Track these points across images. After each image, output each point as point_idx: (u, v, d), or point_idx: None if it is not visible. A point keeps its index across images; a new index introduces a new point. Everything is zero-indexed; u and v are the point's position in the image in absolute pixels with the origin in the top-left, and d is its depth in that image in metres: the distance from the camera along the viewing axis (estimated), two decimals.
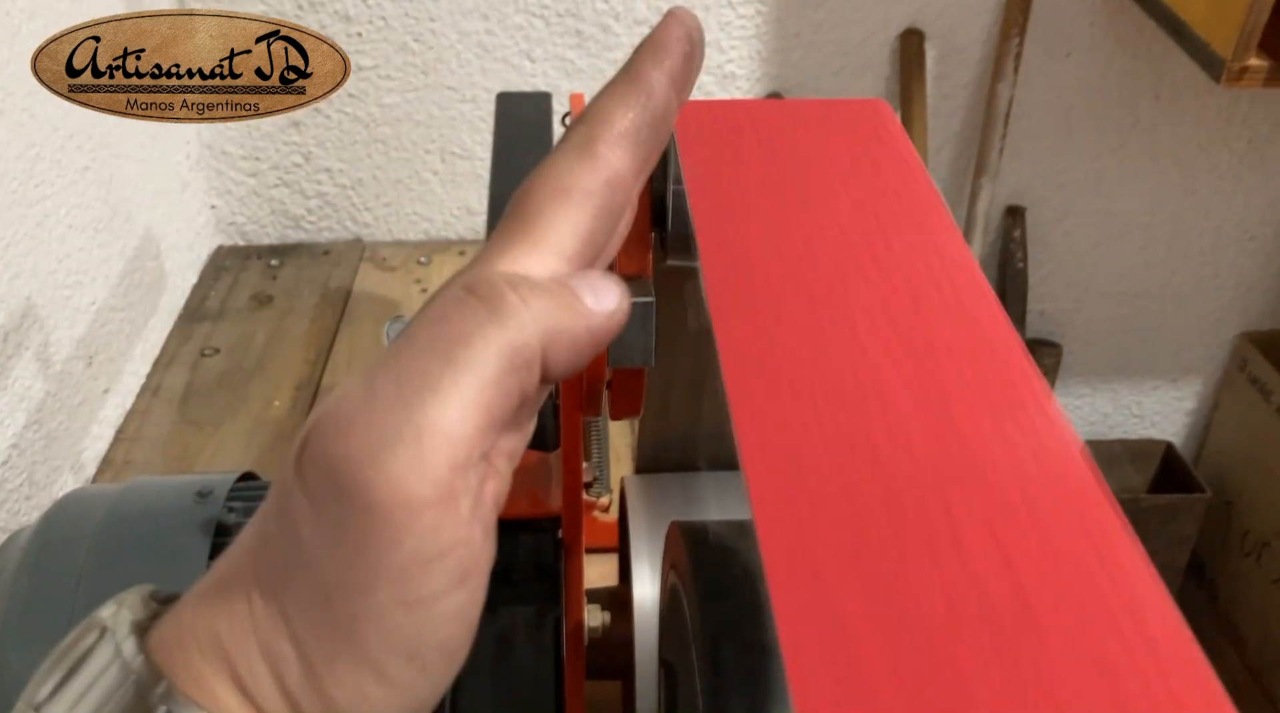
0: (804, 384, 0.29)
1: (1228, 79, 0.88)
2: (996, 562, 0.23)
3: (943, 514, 0.24)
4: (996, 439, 0.26)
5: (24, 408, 0.78)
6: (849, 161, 0.40)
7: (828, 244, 0.34)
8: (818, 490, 0.25)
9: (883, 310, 0.31)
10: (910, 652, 0.21)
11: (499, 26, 1.10)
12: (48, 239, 0.82)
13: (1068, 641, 0.21)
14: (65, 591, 0.54)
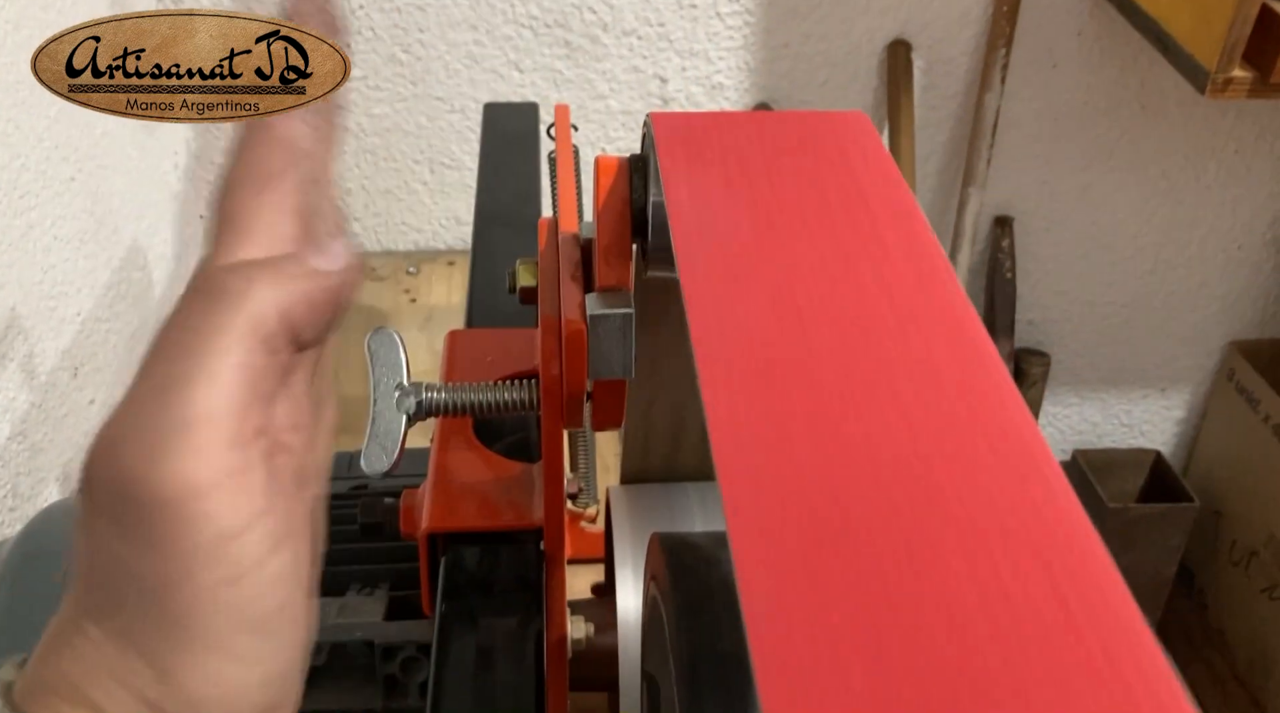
0: (781, 394, 0.29)
1: (1212, 90, 0.89)
2: (964, 572, 0.23)
3: (914, 528, 0.24)
4: (967, 457, 0.26)
5: (8, 419, 0.78)
6: (829, 173, 0.40)
7: (807, 255, 0.35)
8: (791, 502, 0.25)
9: (860, 319, 0.32)
10: (879, 663, 0.21)
11: (487, 37, 1.10)
12: (33, 250, 0.82)
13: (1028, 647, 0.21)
14: (47, 603, 0.54)
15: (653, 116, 0.41)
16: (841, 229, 0.36)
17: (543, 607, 0.45)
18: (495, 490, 0.50)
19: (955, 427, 0.27)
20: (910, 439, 0.27)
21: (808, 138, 0.41)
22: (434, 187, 1.18)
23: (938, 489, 0.25)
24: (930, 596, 0.22)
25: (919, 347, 0.31)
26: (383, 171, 1.17)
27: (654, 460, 0.65)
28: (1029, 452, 0.26)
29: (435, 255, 1.20)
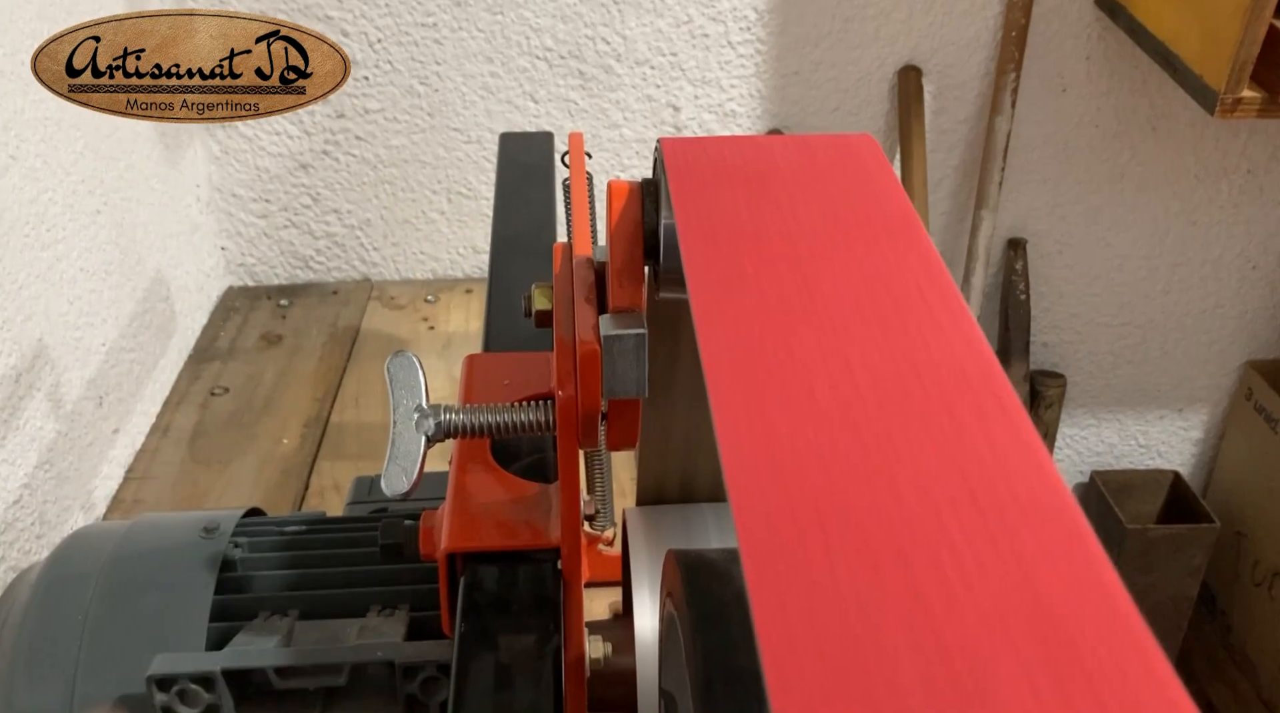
0: (793, 414, 0.29)
1: (1221, 111, 0.89)
2: (976, 584, 0.24)
3: (924, 544, 0.25)
4: (975, 476, 0.27)
5: (35, 448, 0.79)
6: (837, 195, 0.41)
7: (816, 276, 0.35)
8: (802, 517, 0.26)
9: (871, 338, 0.32)
10: (891, 678, 0.22)
11: (503, 69, 1.12)
12: (59, 282, 0.83)
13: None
14: (72, 628, 0.55)
15: (663, 141, 0.42)
16: (850, 250, 0.37)
17: (560, 625, 0.45)
18: (513, 511, 0.51)
19: (963, 444, 0.28)
20: (920, 456, 0.27)
21: (816, 160, 0.42)
22: (451, 216, 1.19)
23: (948, 504, 0.26)
24: (941, 611, 0.23)
25: (929, 366, 0.31)
26: (401, 202, 1.18)
27: (670, 482, 0.66)
28: (1038, 471, 0.27)
29: (453, 283, 1.21)
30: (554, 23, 1.09)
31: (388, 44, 1.09)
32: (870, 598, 0.23)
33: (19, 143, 0.77)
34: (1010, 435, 0.28)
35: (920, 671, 0.22)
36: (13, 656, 0.55)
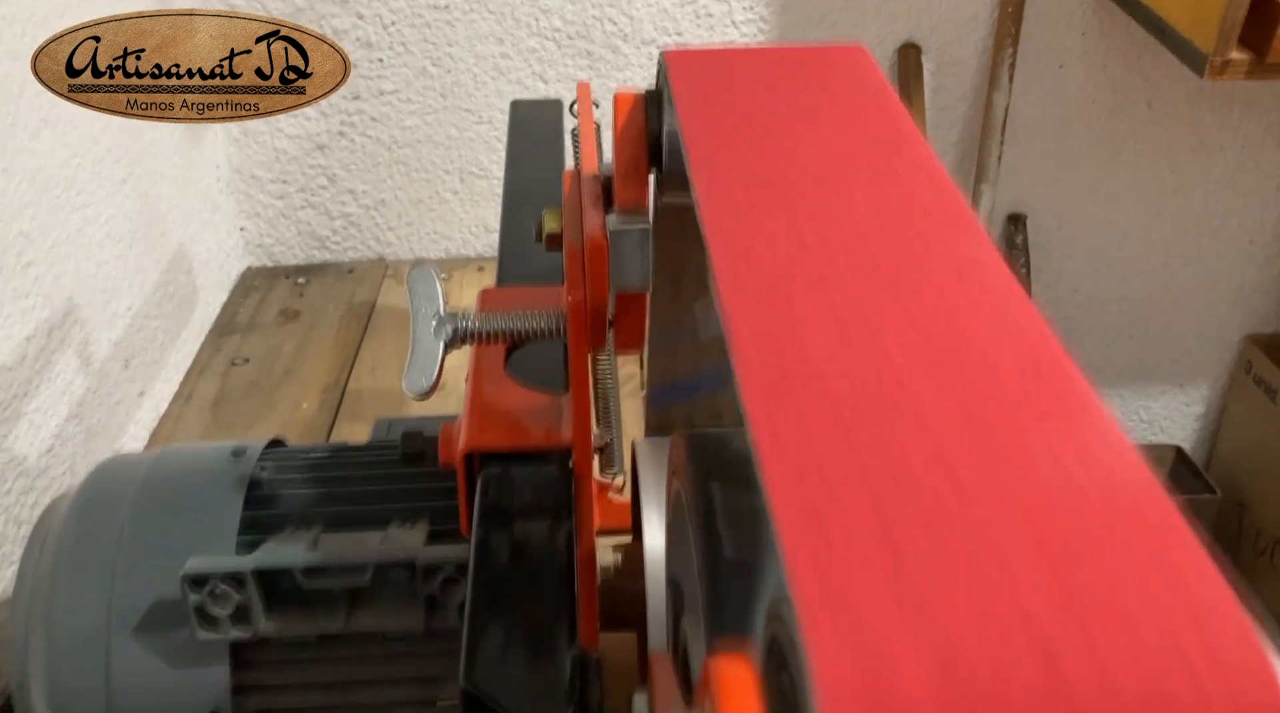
0: (793, 285, 0.32)
1: (1211, 72, 0.92)
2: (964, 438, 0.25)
3: (925, 405, 0.26)
4: (969, 333, 0.29)
5: (66, 401, 0.82)
6: (833, 100, 0.43)
7: (812, 161, 0.38)
8: (800, 367, 0.28)
9: (865, 215, 0.35)
10: (885, 505, 0.23)
11: (513, 50, 1.15)
12: (88, 244, 0.86)
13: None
14: (108, 540, 0.58)
15: (665, 53, 0.45)
16: (849, 151, 0.40)
17: (573, 513, 0.48)
18: (527, 417, 0.53)
19: (953, 302, 0.30)
20: (912, 315, 0.29)
21: (811, 67, 0.45)
22: (464, 195, 1.23)
23: (944, 358, 0.27)
24: (933, 454, 0.24)
25: (921, 238, 0.33)
26: (415, 182, 1.22)
27: (676, 414, 0.69)
28: (1021, 315, 0.28)
29: (465, 262, 1.25)
30: (562, 4, 1.13)
31: (401, 26, 1.13)
32: (866, 436, 0.25)
33: (50, 107, 0.80)
34: (995, 285, 0.30)
35: (915, 504, 0.23)
36: (53, 567, 0.57)
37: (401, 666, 0.56)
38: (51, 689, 0.56)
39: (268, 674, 0.56)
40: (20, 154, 0.76)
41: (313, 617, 0.55)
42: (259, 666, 0.56)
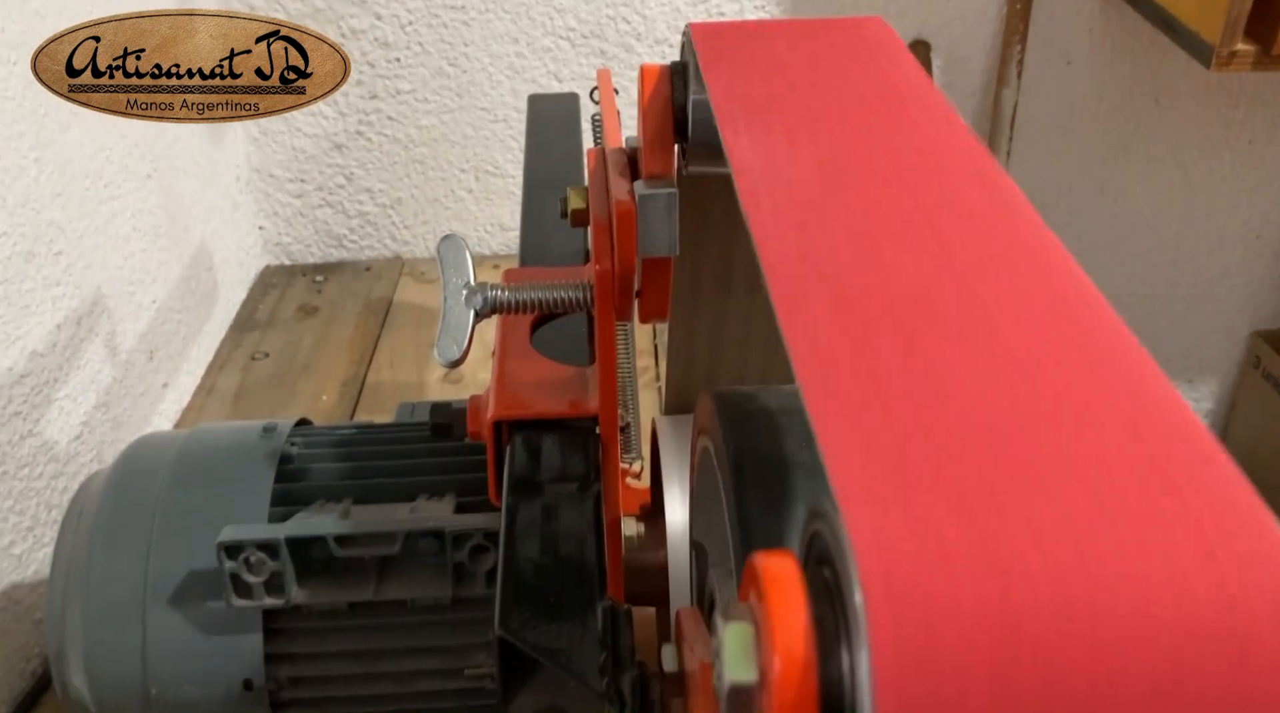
0: (820, 224, 0.33)
1: (1218, 63, 0.93)
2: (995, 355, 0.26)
3: (941, 319, 0.28)
4: (990, 266, 0.30)
5: (94, 389, 0.84)
6: (853, 58, 0.45)
7: (838, 119, 0.39)
8: (830, 294, 0.29)
9: (892, 169, 0.36)
10: (923, 428, 0.24)
11: (528, 49, 1.17)
12: (115, 236, 0.88)
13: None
14: (145, 511, 0.59)
15: (691, 26, 0.47)
16: (877, 115, 0.41)
17: (600, 475, 0.49)
18: (553, 387, 0.55)
19: (982, 243, 0.31)
20: (941, 253, 0.30)
21: (835, 36, 0.47)
22: (479, 194, 1.24)
23: (965, 287, 0.29)
24: (962, 374, 0.25)
25: (948, 185, 0.35)
26: (431, 181, 1.23)
27: (695, 390, 0.70)
28: (1048, 260, 0.30)
29: (481, 260, 1.26)
30: (577, 3, 1.14)
31: (418, 26, 1.15)
32: (897, 360, 0.26)
33: None
34: (1027, 234, 0.32)
35: (946, 415, 0.24)
36: (90, 539, 0.59)
37: (430, 634, 0.58)
38: (88, 658, 0.57)
39: (299, 643, 0.57)
40: (51, 146, 0.78)
41: (344, 585, 0.56)
42: (291, 634, 0.57)
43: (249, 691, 0.57)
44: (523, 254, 0.70)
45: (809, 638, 0.22)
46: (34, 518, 0.74)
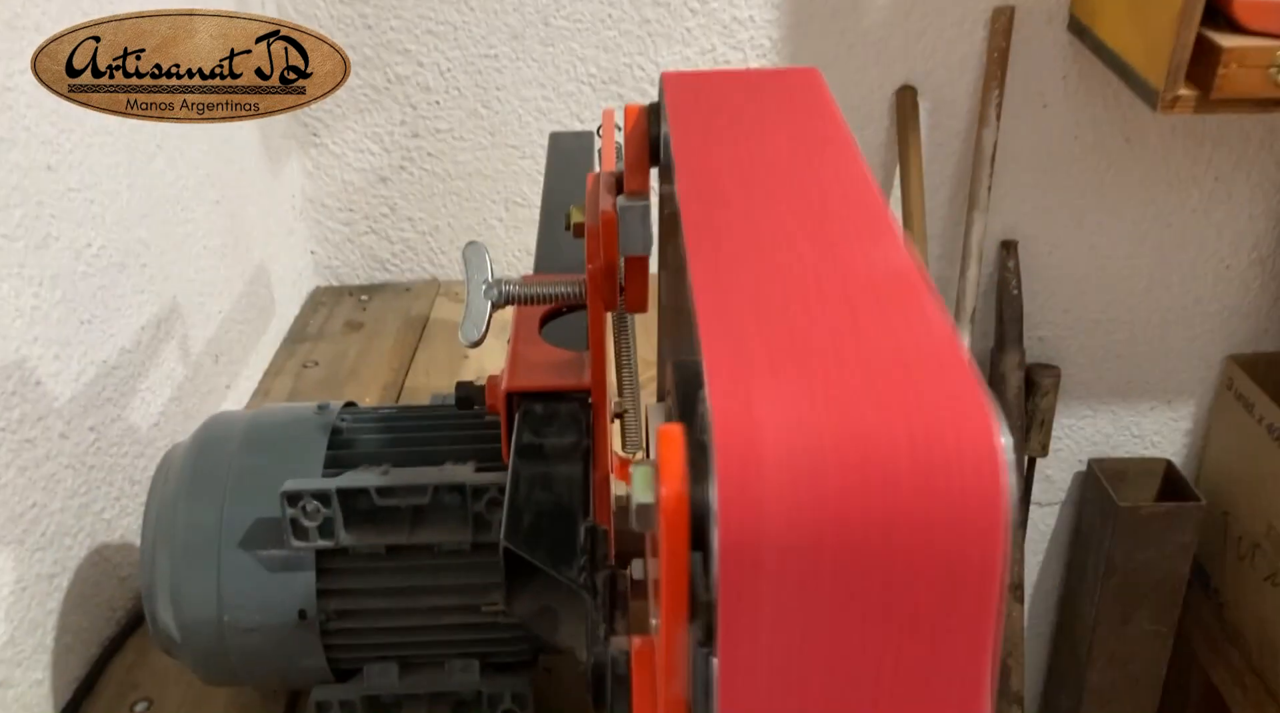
0: (735, 223, 0.45)
1: (1163, 106, 1.05)
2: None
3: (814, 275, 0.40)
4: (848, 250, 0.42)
5: (169, 385, 0.97)
6: (786, 109, 0.57)
7: (767, 164, 0.51)
8: (741, 276, 0.41)
9: (797, 199, 0.48)
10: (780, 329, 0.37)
11: (554, 93, 1.30)
12: (189, 253, 1.02)
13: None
14: (221, 469, 0.71)
15: (664, 74, 0.59)
16: (795, 148, 0.53)
17: (590, 432, 0.61)
18: (556, 367, 0.67)
19: (838, 220, 0.43)
20: (803, 227, 0.42)
21: (776, 87, 0.59)
22: (508, 223, 1.37)
23: (813, 223, 0.41)
24: (798, 268, 0.38)
25: (824, 190, 0.47)
26: (465, 211, 1.36)
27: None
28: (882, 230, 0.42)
29: None
30: (597, 53, 1.28)
31: (456, 72, 1.28)
32: (766, 279, 0.39)
33: (163, 135, 0.96)
34: (866, 210, 0.44)
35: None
36: (174, 495, 0.71)
37: (453, 575, 0.69)
38: (174, 592, 0.70)
39: (345, 580, 0.69)
40: (140, 174, 0.91)
41: (383, 531, 0.68)
42: (338, 573, 0.69)
43: (303, 619, 0.69)
44: (537, 264, 0.82)
45: (684, 475, 0.33)
46: (120, 490, 0.87)
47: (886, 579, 0.31)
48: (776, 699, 0.33)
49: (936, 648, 0.32)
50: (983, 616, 0.31)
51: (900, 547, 0.31)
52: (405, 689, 0.71)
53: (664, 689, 0.38)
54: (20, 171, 0.74)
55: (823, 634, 0.32)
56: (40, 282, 0.76)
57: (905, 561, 0.31)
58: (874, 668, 0.33)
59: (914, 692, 0.32)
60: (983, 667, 0.32)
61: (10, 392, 0.72)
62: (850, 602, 0.32)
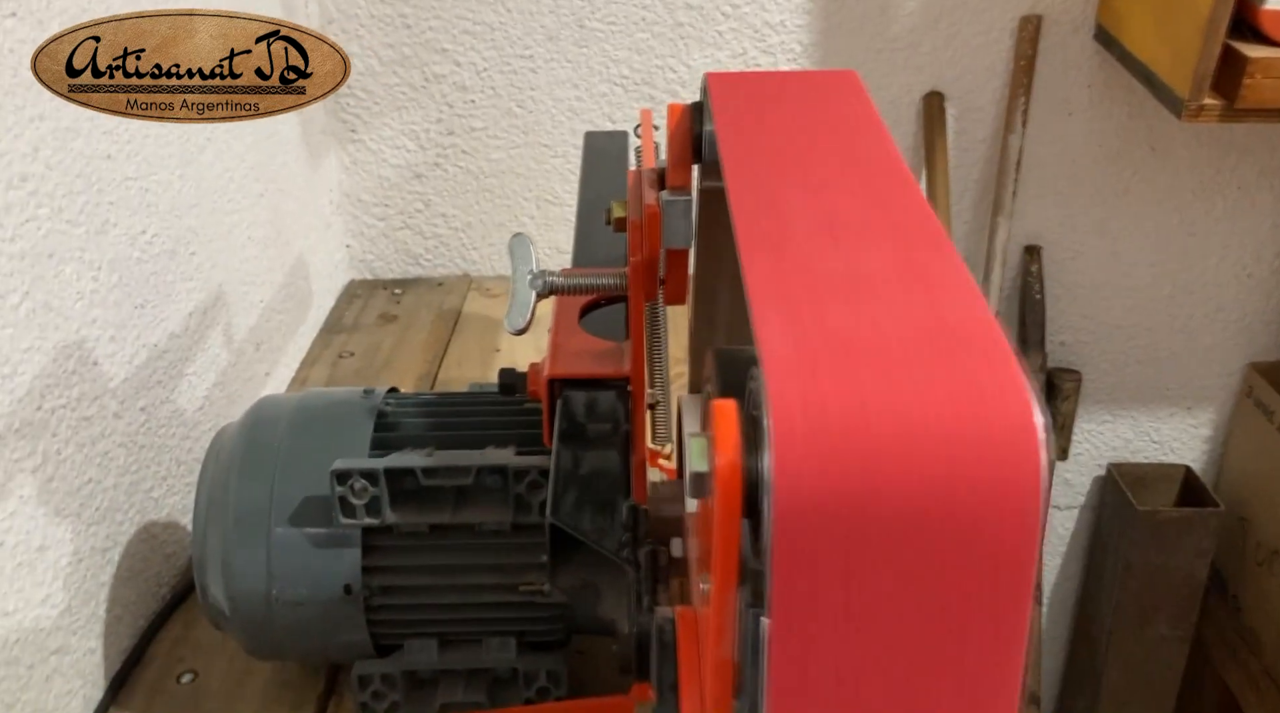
0: (783, 211, 0.47)
1: (1188, 115, 1.07)
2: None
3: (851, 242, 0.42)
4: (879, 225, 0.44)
5: (214, 370, 1.00)
6: (828, 110, 0.59)
7: (811, 159, 0.54)
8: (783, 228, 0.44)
9: (842, 191, 0.50)
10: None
11: (586, 94, 1.33)
12: (235, 244, 1.05)
13: None
14: (270, 453, 0.74)
15: (708, 75, 0.62)
16: (836, 147, 0.55)
17: (630, 417, 0.64)
18: (596, 355, 0.69)
19: (882, 215, 0.45)
20: (849, 216, 0.45)
21: (816, 88, 0.61)
22: (540, 221, 1.40)
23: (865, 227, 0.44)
24: (845, 287, 0.41)
25: (868, 192, 0.49)
26: (498, 208, 1.39)
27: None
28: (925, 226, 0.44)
29: None
30: (630, 55, 1.30)
31: (492, 73, 1.31)
32: (815, 260, 0.41)
33: (213, 128, 0.99)
34: (914, 209, 0.46)
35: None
36: (226, 473, 0.74)
37: (493, 554, 0.72)
38: (225, 566, 0.72)
39: (390, 557, 0.72)
40: (191, 164, 0.94)
41: (427, 510, 0.71)
42: (383, 550, 0.72)
43: (348, 594, 0.72)
44: (575, 258, 0.85)
45: (739, 446, 0.36)
46: (168, 470, 0.90)
47: (928, 543, 0.34)
48: (824, 656, 0.35)
49: (977, 609, 0.34)
50: (1021, 580, 0.34)
51: (943, 514, 0.33)
52: (444, 665, 0.74)
53: (712, 651, 0.40)
54: (83, 159, 0.77)
55: (867, 595, 0.34)
56: (99, 266, 0.79)
57: (947, 527, 0.34)
58: (917, 625, 0.35)
59: (954, 643, 0.34)
60: (1020, 628, 0.34)
61: (70, 371, 0.75)
62: (894, 566, 0.34)
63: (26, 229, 0.71)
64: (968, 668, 0.36)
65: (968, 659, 0.36)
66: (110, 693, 0.80)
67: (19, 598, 0.71)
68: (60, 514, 0.75)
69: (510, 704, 0.74)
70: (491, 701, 0.74)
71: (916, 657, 0.36)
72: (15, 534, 0.70)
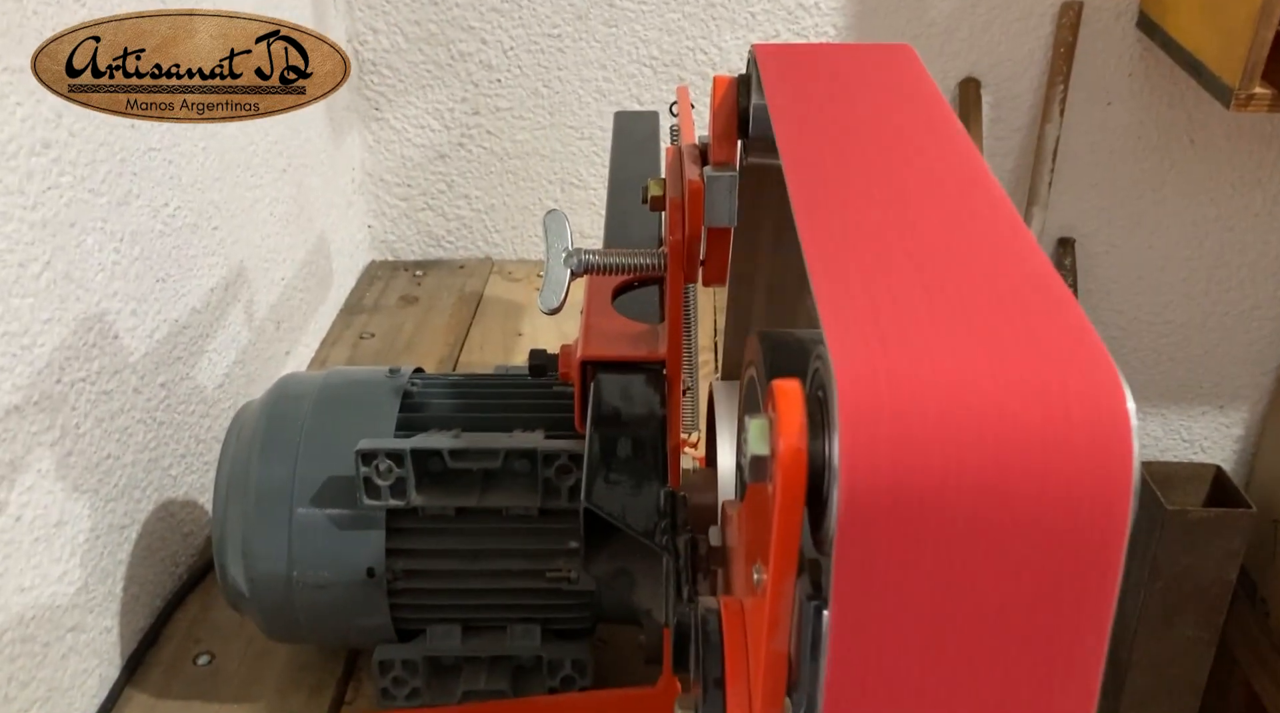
0: (840, 188, 0.45)
1: (1236, 105, 1.04)
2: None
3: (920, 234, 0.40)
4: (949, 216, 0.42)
5: (234, 347, 0.98)
6: (887, 82, 0.57)
7: (870, 132, 0.51)
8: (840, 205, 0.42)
9: (904, 166, 0.48)
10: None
11: (615, 75, 1.30)
12: (257, 219, 1.03)
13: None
14: (293, 432, 0.72)
15: (755, 46, 0.59)
16: (895, 122, 0.53)
17: (665, 401, 0.61)
18: (630, 338, 0.67)
19: (948, 190, 0.43)
20: (913, 192, 0.43)
21: (869, 61, 0.59)
22: (564, 204, 1.38)
23: (936, 210, 0.41)
24: (910, 262, 0.38)
25: (933, 156, 0.47)
26: (522, 190, 1.37)
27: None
28: (994, 202, 0.42)
29: None
30: (660, 35, 1.28)
31: (519, 51, 1.29)
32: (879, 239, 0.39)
33: None
34: (985, 195, 0.44)
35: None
36: (247, 451, 0.72)
37: (520, 540, 0.70)
38: (245, 547, 0.70)
39: (414, 540, 0.70)
40: (215, 137, 0.93)
41: (453, 493, 0.69)
42: (408, 533, 0.70)
43: (371, 577, 0.70)
44: (606, 240, 0.82)
45: (803, 429, 0.34)
46: (187, 448, 0.88)
47: (1006, 539, 0.32)
48: (886, 651, 0.33)
49: (1057, 609, 0.32)
50: (1106, 582, 0.31)
51: (1023, 507, 0.31)
52: (467, 652, 0.72)
53: (764, 644, 0.38)
54: (107, 128, 0.75)
55: (937, 590, 0.32)
56: (121, 237, 0.77)
57: (1027, 521, 0.31)
58: (988, 625, 0.33)
59: (1028, 646, 0.32)
60: (1101, 635, 0.32)
61: (90, 344, 0.74)
62: (966, 561, 0.32)
63: (49, 197, 0.69)
64: (1041, 674, 0.34)
65: (1042, 665, 0.33)
66: (126, 672, 0.78)
67: (36, 574, 0.69)
68: (78, 490, 0.73)
69: (534, 693, 0.72)
70: (515, 689, 0.72)
71: (987, 659, 0.34)
72: (33, 509, 0.68)
